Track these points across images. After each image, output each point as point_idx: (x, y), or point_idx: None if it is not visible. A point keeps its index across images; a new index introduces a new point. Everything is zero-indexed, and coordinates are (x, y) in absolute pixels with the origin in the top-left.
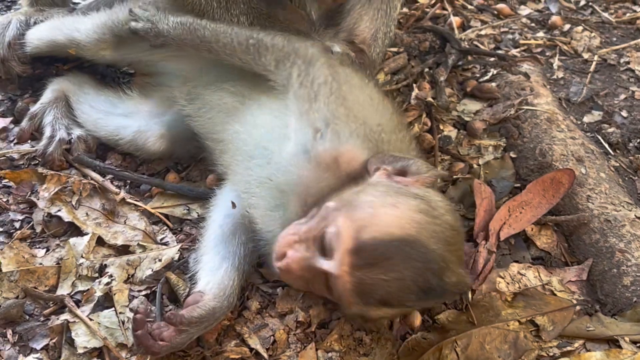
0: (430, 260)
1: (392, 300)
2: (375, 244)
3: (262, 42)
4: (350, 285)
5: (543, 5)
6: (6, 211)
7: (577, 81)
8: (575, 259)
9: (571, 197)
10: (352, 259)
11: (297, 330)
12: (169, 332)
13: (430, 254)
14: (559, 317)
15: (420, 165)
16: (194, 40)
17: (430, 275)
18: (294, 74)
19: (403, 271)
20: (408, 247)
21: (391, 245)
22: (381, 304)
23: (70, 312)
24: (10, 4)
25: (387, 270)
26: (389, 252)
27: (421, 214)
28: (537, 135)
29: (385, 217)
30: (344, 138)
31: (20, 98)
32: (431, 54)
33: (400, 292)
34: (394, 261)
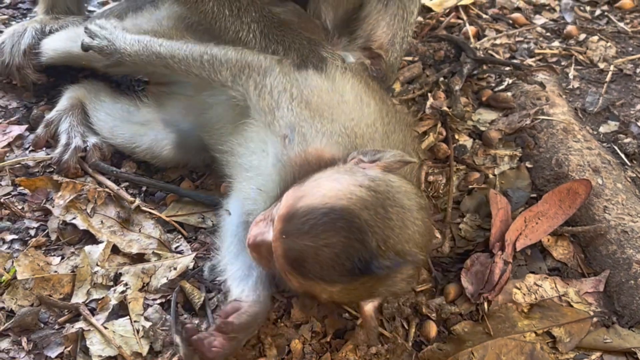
0: (359, 231)
1: (326, 274)
2: (307, 211)
3: (216, 57)
4: (282, 252)
5: (558, 15)
6: (21, 219)
7: (593, 91)
8: (591, 270)
9: (588, 207)
10: (284, 225)
11: (312, 340)
12: (219, 340)
13: (361, 225)
14: (575, 329)
15: (393, 154)
16: (150, 57)
17: (359, 246)
18: (250, 87)
19: (330, 239)
20: (337, 215)
21: (320, 212)
22: (317, 277)
23: (85, 320)
24: (25, 12)
25: (314, 237)
26: (317, 220)
27: (362, 189)
28: (553, 145)
29: (324, 189)
30: (310, 138)
31: (35, 105)
32: (446, 63)
33: (331, 263)
34: (322, 229)
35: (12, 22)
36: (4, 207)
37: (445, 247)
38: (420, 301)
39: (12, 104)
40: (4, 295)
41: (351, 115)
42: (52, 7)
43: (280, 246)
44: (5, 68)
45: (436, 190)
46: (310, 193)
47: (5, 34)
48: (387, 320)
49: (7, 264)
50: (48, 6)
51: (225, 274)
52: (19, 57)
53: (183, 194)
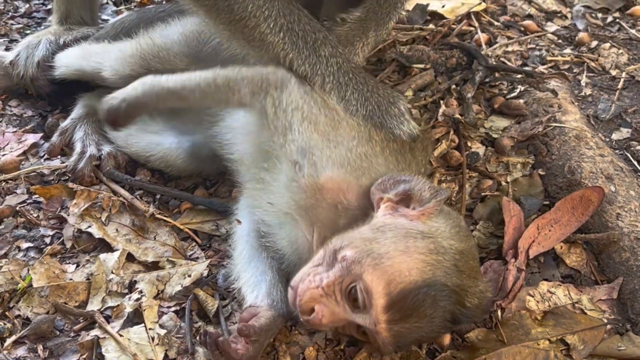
0: (452, 295)
1: (424, 339)
2: (405, 296)
3: (229, 77)
4: (390, 337)
5: (570, 22)
6: (37, 227)
7: (605, 98)
8: (605, 278)
9: (600, 215)
10: (388, 315)
11: (326, 348)
12: (242, 344)
13: (451, 290)
14: (589, 336)
15: (421, 186)
16: (159, 95)
17: (455, 309)
18: (268, 104)
19: (432, 313)
20: (432, 290)
21: (419, 293)
22: (414, 343)
23: (100, 327)
24: (40, 21)
25: (419, 317)
26: (418, 301)
27: (431, 255)
28: (565, 152)
29: (404, 266)
30: (320, 167)
31: (50, 114)
32: (458, 71)
33: (432, 331)
34: (424, 307)
35: (26, 30)
36: (19, 215)
37: None
38: None
39: (27, 113)
40: (20, 302)
41: (350, 133)
42: (65, 18)
43: (388, 334)
44: (20, 80)
45: (449, 198)
46: (395, 275)
47: (20, 45)
48: None
49: (22, 272)
50: (62, 17)
51: (239, 282)
52: (33, 68)
53: (197, 201)
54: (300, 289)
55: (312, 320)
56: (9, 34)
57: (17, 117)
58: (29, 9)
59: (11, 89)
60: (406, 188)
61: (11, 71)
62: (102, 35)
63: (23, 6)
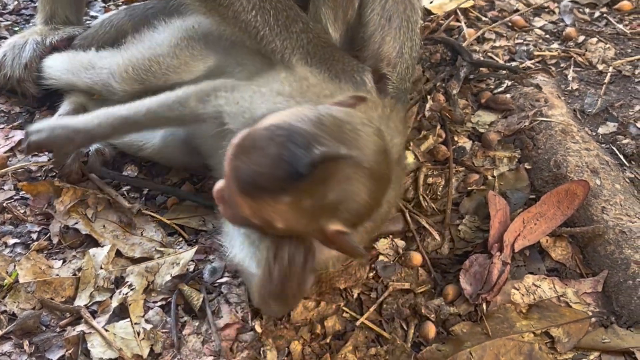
0: (296, 135)
1: (267, 184)
2: (253, 134)
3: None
4: (230, 173)
5: (557, 17)
6: (23, 223)
7: (592, 92)
8: (590, 271)
9: (586, 208)
10: (234, 149)
11: (312, 342)
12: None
13: (299, 131)
14: (574, 329)
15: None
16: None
17: (294, 147)
18: (221, 102)
19: (270, 149)
20: (275, 127)
21: (263, 129)
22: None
23: (86, 323)
24: (28, 18)
25: (257, 151)
26: (260, 136)
27: (306, 110)
28: (551, 146)
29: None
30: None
31: (38, 110)
32: (443, 66)
33: (270, 170)
34: (263, 142)
35: (15, 27)
36: (6, 211)
37: (445, 249)
38: (419, 302)
39: (15, 109)
40: (6, 298)
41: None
42: (51, 18)
43: (229, 169)
44: (7, 81)
45: (435, 192)
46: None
47: (6, 46)
48: (386, 321)
49: (9, 267)
50: (47, 17)
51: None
52: (20, 70)
53: (184, 196)
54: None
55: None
56: None
57: (5, 114)
58: (17, 6)
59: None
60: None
61: None
62: (89, 36)
63: (11, 3)
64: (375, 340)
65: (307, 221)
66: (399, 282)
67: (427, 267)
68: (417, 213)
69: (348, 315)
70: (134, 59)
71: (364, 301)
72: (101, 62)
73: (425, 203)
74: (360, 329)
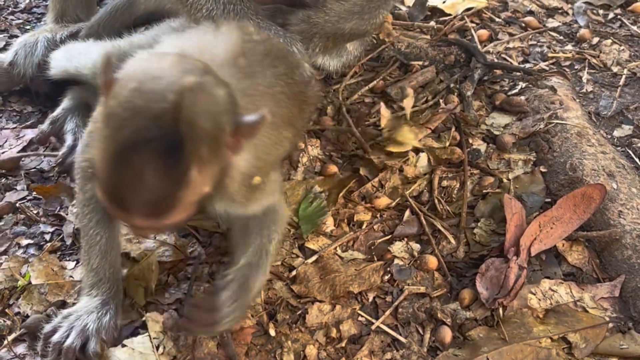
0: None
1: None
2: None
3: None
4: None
5: (571, 18)
6: (37, 223)
7: (607, 95)
8: (607, 276)
9: (602, 212)
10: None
11: (327, 345)
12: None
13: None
14: (591, 335)
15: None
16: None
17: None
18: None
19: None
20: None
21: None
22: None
23: None
24: (40, 16)
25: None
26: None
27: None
28: (567, 149)
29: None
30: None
31: (50, 110)
32: (457, 68)
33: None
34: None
35: (26, 26)
36: (19, 212)
37: (460, 252)
38: (435, 306)
39: (27, 108)
40: (19, 300)
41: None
42: (61, 16)
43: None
44: (20, 79)
45: (450, 195)
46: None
47: (17, 45)
48: (401, 326)
49: (22, 269)
50: (57, 15)
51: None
52: (33, 68)
53: None
54: None
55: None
56: (9, 30)
57: (17, 113)
58: (29, 4)
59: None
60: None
61: (12, 72)
62: (94, 24)
63: (23, 1)
64: (391, 345)
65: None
66: (414, 286)
67: (443, 271)
68: (432, 216)
69: (363, 319)
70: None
71: (380, 305)
72: (93, 47)
73: (441, 206)
74: (376, 333)
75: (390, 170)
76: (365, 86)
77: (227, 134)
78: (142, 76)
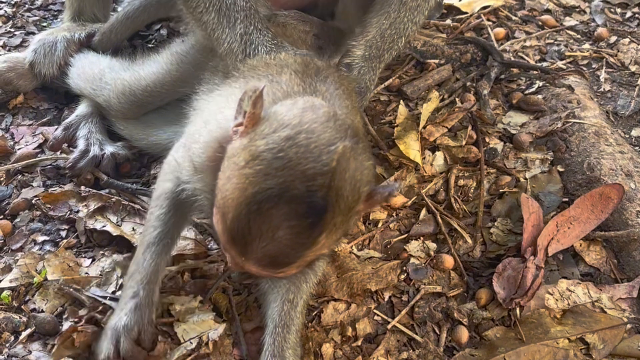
0: (282, 192)
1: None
2: (237, 224)
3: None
4: (257, 268)
5: (588, 17)
6: (52, 220)
7: (625, 94)
8: (625, 276)
9: (620, 212)
10: (235, 248)
11: (343, 344)
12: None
13: (278, 188)
14: (609, 335)
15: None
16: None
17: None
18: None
19: (275, 222)
20: (258, 204)
21: (245, 214)
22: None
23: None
24: (57, 13)
25: (265, 234)
26: (251, 221)
27: (248, 166)
28: (584, 149)
29: (229, 193)
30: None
31: (66, 107)
32: (473, 66)
33: (296, 235)
34: (260, 223)
35: (42, 23)
36: (35, 209)
37: (477, 251)
38: (452, 306)
39: (44, 106)
40: (35, 296)
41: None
42: (78, 15)
43: (251, 265)
44: (42, 77)
45: (466, 194)
46: (221, 206)
47: (36, 43)
48: (418, 325)
49: (38, 265)
50: (74, 14)
51: None
52: (54, 68)
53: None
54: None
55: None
56: (26, 27)
57: (34, 110)
58: (45, 1)
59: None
60: (240, 103)
61: (32, 71)
62: (107, 30)
63: None
64: (407, 344)
65: (345, 225)
66: (430, 285)
67: (459, 270)
68: (448, 215)
69: (379, 318)
70: (132, 79)
71: (395, 304)
72: (108, 75)
73: (457, 205)
74: (392, 332)
75: (406, 168)
76: (381, 84)
77: (361, 203)
78: (297, 127)
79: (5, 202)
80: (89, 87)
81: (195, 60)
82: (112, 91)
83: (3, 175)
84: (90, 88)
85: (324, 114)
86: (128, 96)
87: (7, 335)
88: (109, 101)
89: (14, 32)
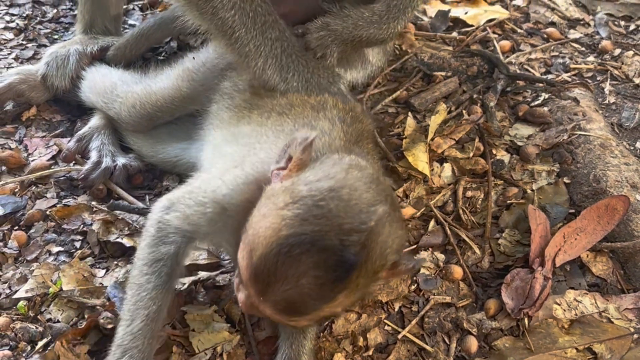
0: (314, 242)
1: (322, 298)
2: (263, 263)
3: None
4: (271, 310)
5: (592, 30)
6: (66, 231)
7: (629, 106)
8: (631, 286)
9: (626, 223)
10: (255, 288)
11: (354, 354)
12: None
13: (313, 238)
14: (616, 345)
15: (292, 141)
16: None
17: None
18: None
19: (299, 269)
20: (287, 247)
21: (273, 255)
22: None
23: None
24: (68, 26)
25: (287, 279)
26: (277, 264)
27: (287, 208)
28: (590, 160)
29: (262, 229)
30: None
31: (79, 119)
32: (480, 79)
33: (317, 287)
34: (285, 268)
35: (54, 35)
36: (49, 219)
37: (485, 262)
38: (461, 316)
39: (56, 118)
40: (51, 306)
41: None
42: (90, 27)
43: (266, 307)
44: (54, 90)
45: (474, 205)
46: (250, 241)
47: (48, 56)
48: (428, 335)
49: (54, 276)
50: (86, 26)
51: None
52: (67, 81)
53: None
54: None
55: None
56: (37, 39)
57: (47, 122)
58: (56, 14)
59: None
60: (285, 151)
61: (45, 84)
62: (121, 46)
63: (51, 11)
64: (417, 354)
65: (365, 290)
66: (440, 296)
67: (468, 281)
68: (456, 226)
69: (390, 328)
70: (143, 93)
71: (406, 314)
72: (120, 88)
73: (465, 216)
74: (402, 342)
75: (414, 180)
76: (389, 96)
77: (385, 271)
78: (341, 182)
79: (20, 214)
80: (100, 100)
81: (205, 79)
82: (124, 104)
83: (17, 187)
84: (102, 101)
85: (368, 175)
86: (139, 110)
87: (23, 345)
88: (120, 114)
89: (26, 45)
